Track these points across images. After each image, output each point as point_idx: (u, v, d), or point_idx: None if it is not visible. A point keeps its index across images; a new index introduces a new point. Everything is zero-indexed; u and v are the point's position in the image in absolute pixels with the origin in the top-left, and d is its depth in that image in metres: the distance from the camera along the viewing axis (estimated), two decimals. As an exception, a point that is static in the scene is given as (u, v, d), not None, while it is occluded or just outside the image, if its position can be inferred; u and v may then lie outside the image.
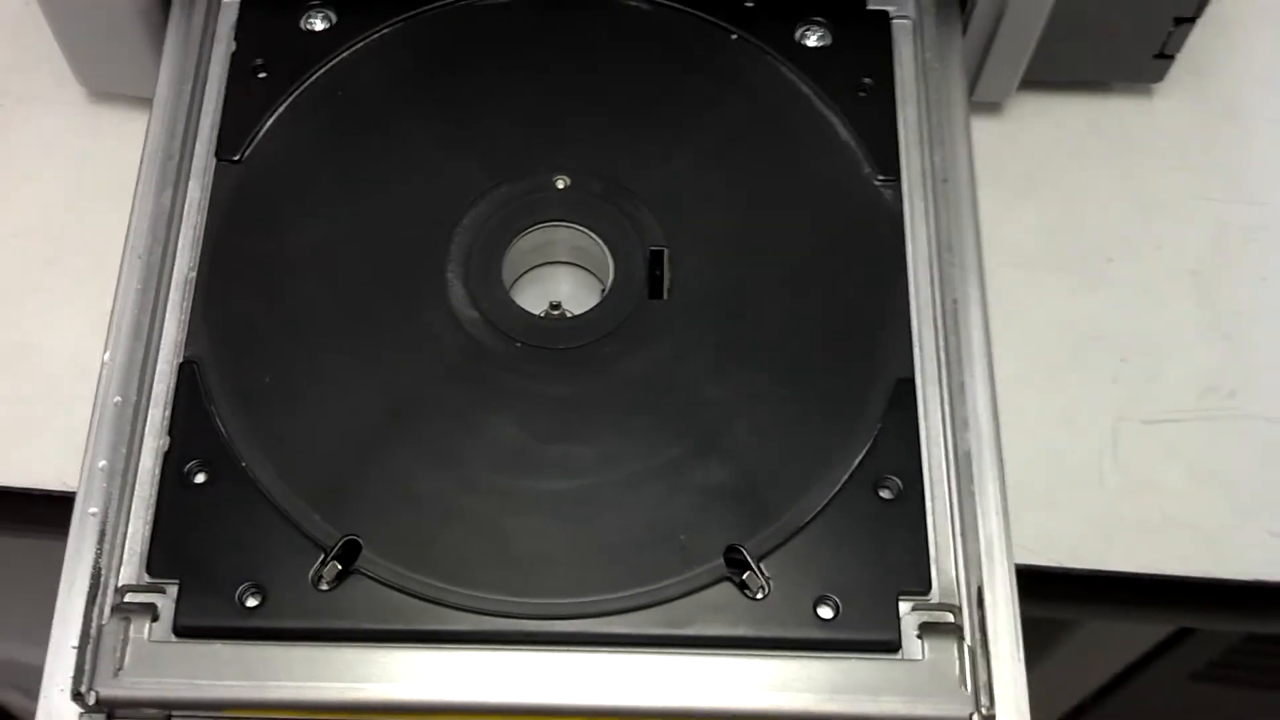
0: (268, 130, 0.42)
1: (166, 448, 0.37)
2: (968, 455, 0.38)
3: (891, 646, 0.36)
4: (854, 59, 0.43)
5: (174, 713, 0.34)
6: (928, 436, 0.39)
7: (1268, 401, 0.47)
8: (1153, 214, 0.51)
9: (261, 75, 0.42)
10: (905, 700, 0.35)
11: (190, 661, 0.35)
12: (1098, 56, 0.51)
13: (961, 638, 0.36)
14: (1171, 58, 0.51)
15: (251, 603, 0.35)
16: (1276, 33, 0.54)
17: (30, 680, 0.34)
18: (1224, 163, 0.52)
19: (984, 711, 0.35)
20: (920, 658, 0.36)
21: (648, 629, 0.36)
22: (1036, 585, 0.40)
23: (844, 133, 0.43)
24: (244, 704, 0.34)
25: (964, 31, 0.45)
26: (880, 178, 0.42)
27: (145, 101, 0.48)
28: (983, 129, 0.50)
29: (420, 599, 0.35)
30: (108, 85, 0.49)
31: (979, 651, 0.35)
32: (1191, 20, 0.48)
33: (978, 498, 0.37)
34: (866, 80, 0.43)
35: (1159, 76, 0.52)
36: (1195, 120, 0.53)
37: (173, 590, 0.35)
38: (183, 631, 0.35)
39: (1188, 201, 0.51)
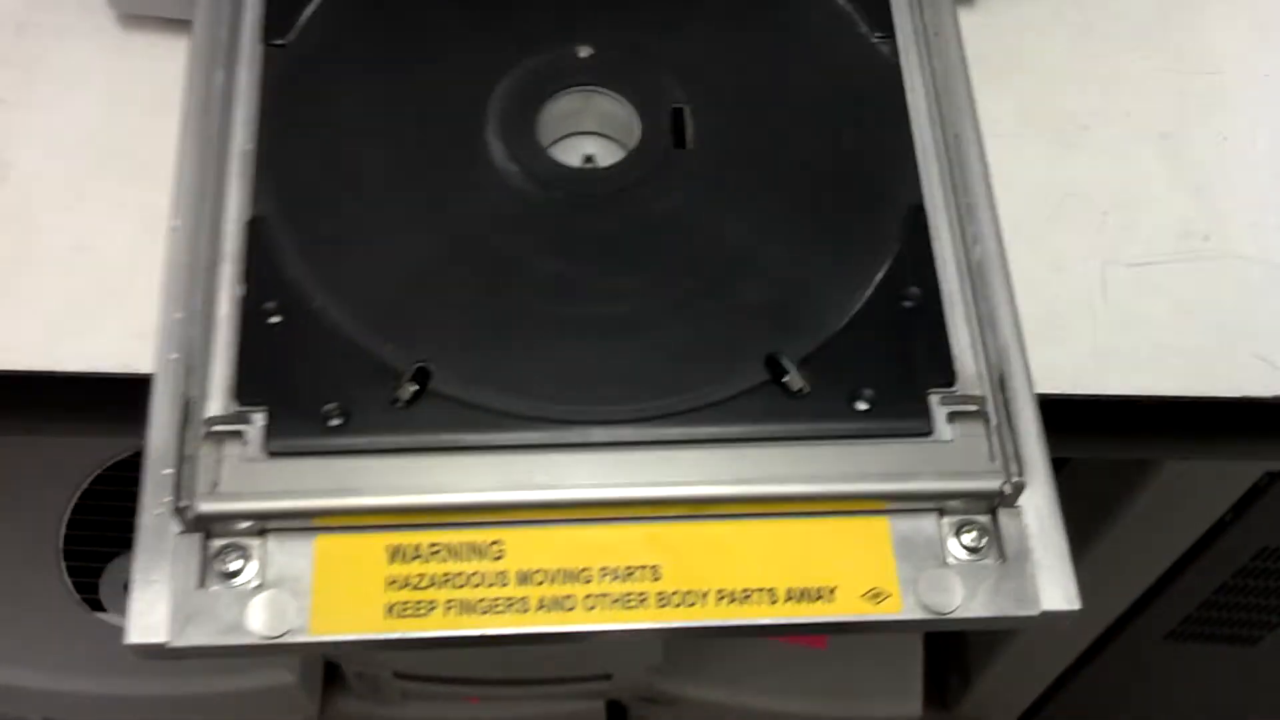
0: (310, 15, 0.44)
1: (244, 294, 0.39)
2: (979, 265, 0.41)
3: (924, 431, 0.39)
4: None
5: (268, 524, 0.37)
6: (941, 253, 0.42)
7: (1239, 242, 0.51)
8: (1120, 86, 0.55)
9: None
10: (941, 478, 0.38)
11: (281, 478, 0.37)
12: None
13: (987, 420, 0.39)
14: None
15: (335, 423, 0.38)
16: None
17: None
18: (1181, 39, 0.56)
19: (1014, 480, 0.38)
20: (951, 439, 0.39)
21: (702, 428, 0.38)
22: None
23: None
24: (333, 511, 0.37)
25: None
26: (877, 35, 0.46)
27: (172, 24, 0.51)
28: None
29: (488, 411, 0.38)
30: (138, 7, 0.51)
31: (1005, 430, 0.39)
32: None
33: (992, 301, 0.41)
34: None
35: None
36: (1151, 2, 0.57)
37: (259, 418, 0.38)
38: (273, 452, 0.37)
39: (1152, 74, 0.55)
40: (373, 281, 0.40)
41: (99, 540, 0.78)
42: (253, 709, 0.81)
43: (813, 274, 0.41)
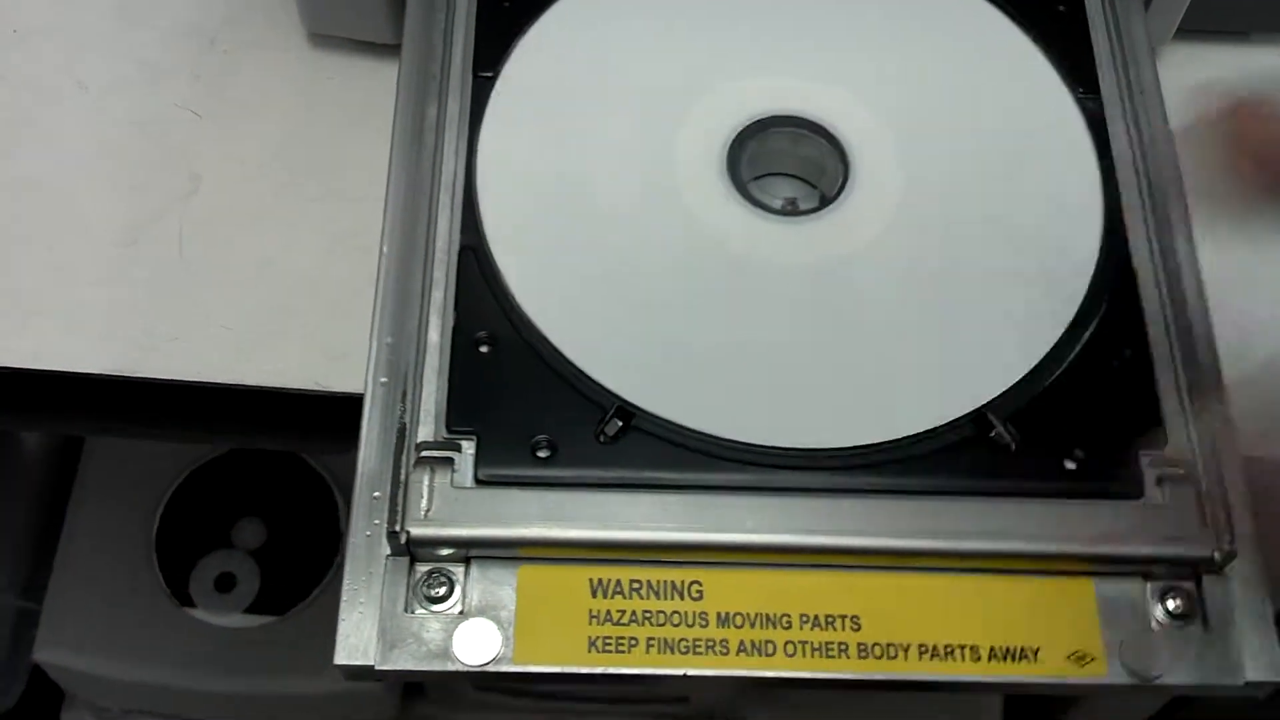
0: (520, 47, 0.45)
1: (455, 322, 0.40)
2: (1188, 328, 0.41)
3: (1135, 493, 0.38)
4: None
5: (473, 552, 0.37)
6: (1149, 312, 0.41)
7: None
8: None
9: (507, 3, 0.46)
10: (1152, 542, 0.38)
11: (490, 506, 0.37)
12: (1246, 6, 0.54)
13: (1198, 485, 0.38)
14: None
15: (543, 454, 0.38)
16: None
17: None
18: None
19: (1225, 548, 0.37)
20: (1161, 503, 0.38)
21: (909, 479, 0.38)
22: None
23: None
24: (539, 542, 0.37)
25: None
26: (1081, 91, 0.45)
27: (363, 46, 0.52)
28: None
29: (692, 450, 0.38)
30: (331, 27, 0.52)
31: (1215, 496, 0.38)
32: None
33: (1201, 364, 0.40)
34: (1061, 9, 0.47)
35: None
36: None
37: (468, 446, 0.38)
38: (482, 480, 0.38)
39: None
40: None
41: (190, 537, 0.79)
42: (335, 709, 0.82)
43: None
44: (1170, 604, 0.38)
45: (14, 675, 0.84)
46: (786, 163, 0.46)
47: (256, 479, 0.81)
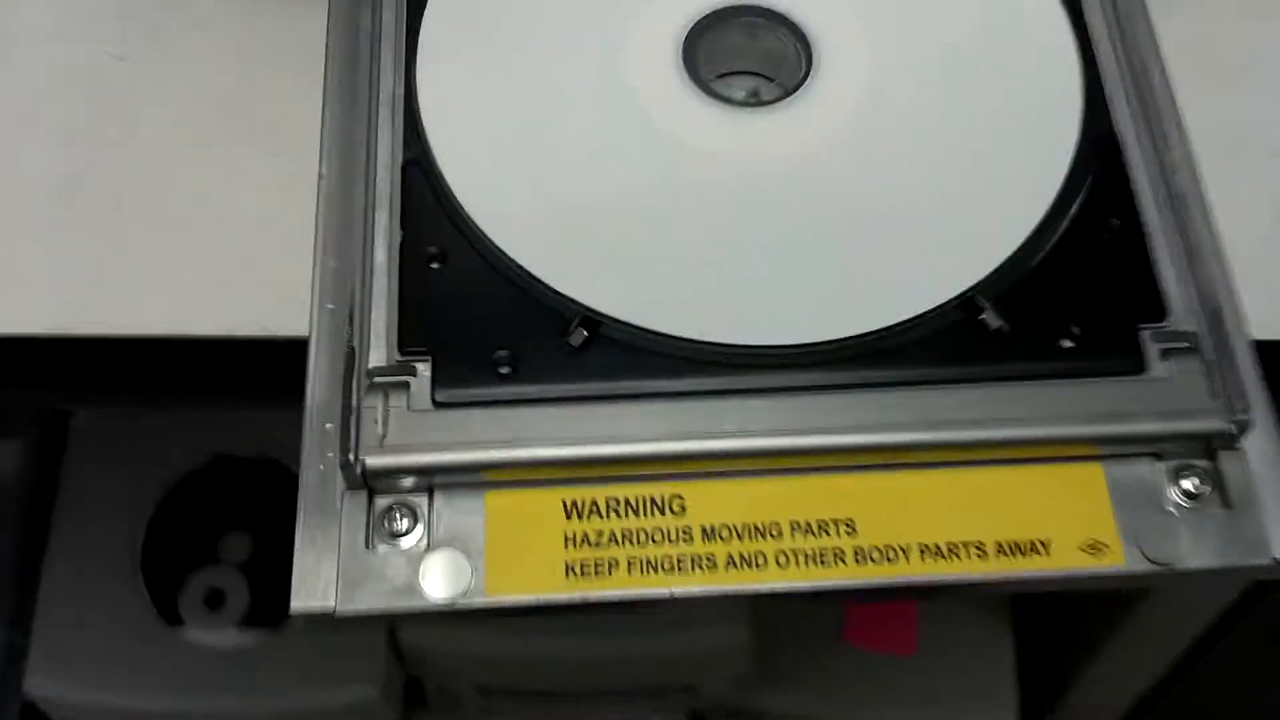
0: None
1: (402, 239, 0.37)
2: (1180, 196, 0.38)
3: (1137, 368, 0.36)
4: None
5: (436, 480, 0.34)
6: (1138, 183, 0.39)
7: None
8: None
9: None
10: (1160, 418, 0.35)
11: (450, 430, 0.35)
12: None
13: (1203, 356, 0.36)
14: None
15: (504, 371, 0.35)
16: None
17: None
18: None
19: (1239, 418, 0.35)
20: (1166, 377, 0.36)
21: (895, 370, 0.36)
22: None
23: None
24: (506, 464, 0.34)
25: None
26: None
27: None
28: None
29: (664, 356, 0.36)
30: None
31: (1223, 366, 0.35)
32: None
33: (1197, 233, 0.38)
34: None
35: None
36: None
37: (423, 367, 0.35)
38: (440, 402, 0.35)
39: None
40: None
41: (176, 555, 0.77)
42: (335, 721, 0.79)
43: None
44: (1186, 483, 0.35)
45: (5, 712, 0.81)
46: (745, 58, 0.43)
47: (238, 490, 0.78)
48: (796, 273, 0.37)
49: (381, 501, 0.34)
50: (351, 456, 0.34)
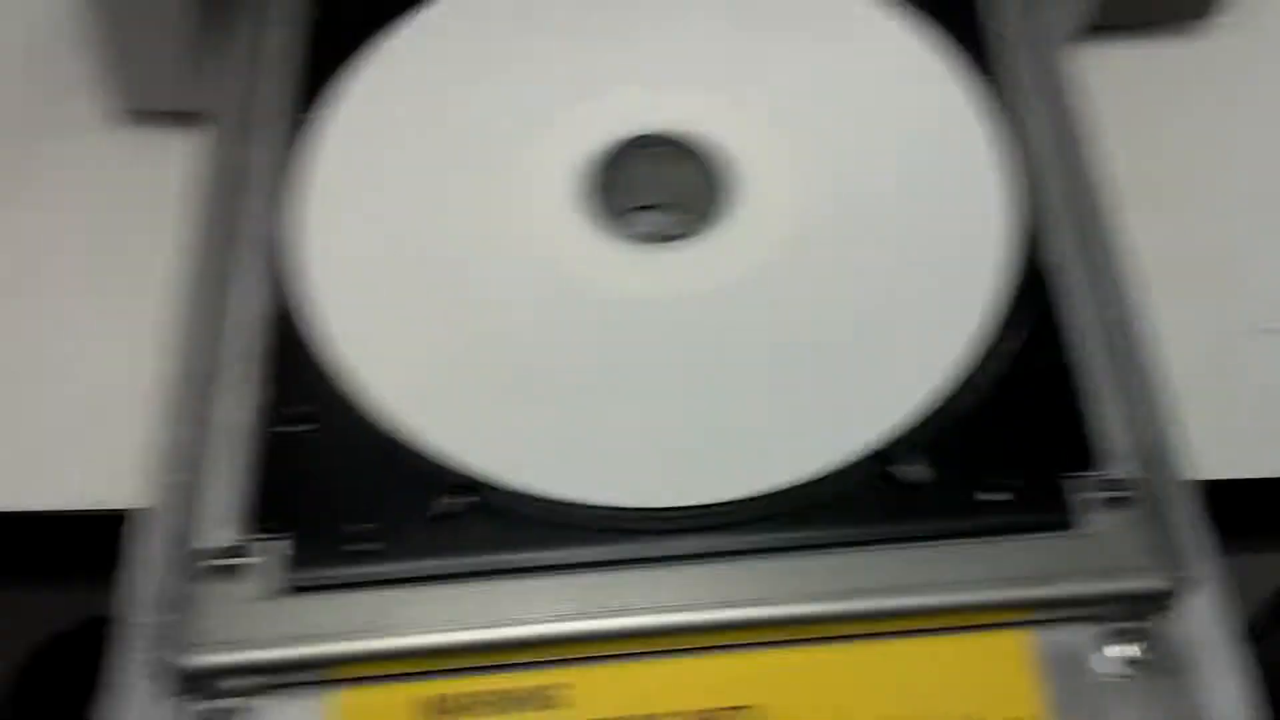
0: (339, 88, 0.39)
1: (262, 400, 0.34)
2: (1121, 330, 0.35)
3: (1063, 523, 0.33)
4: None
5: (276, 678, 0.31)
6: (1075, 318, 0.36)
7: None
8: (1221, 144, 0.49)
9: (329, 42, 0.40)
10: (1091, 578, 0.32)
11: (298, 619, 0.31)
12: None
13: (1141, 508, 0.33)
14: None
15: (369, 548, 0.32)
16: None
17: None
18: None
19: (1178, 576, 0.31)
20: (1097, 532, 0.33)
21: (803, 532, 0.32)
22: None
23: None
24: (361, 657, 0.31)
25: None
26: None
27: (178, 123, 0.45)
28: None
29: (549, 525, 0.32)
30: (150, 101, 0.46)
31: (1164, 519, 0.32)
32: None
33: (1139, 371, 0.35)
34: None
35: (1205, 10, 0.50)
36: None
37: (275, 547, 0.32)
38: (296, 586, 0.31)
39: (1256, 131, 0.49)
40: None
41: None
42: None
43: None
44: (1122, 650, 0.32)
45: None
46: (655, 191, 0.40)
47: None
48: (699, 427, 0.34)
49: (197, 709, 0.30)
50: (166, 656, 0.30)
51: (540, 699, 0.31)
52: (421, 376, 0.35)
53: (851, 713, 0.31)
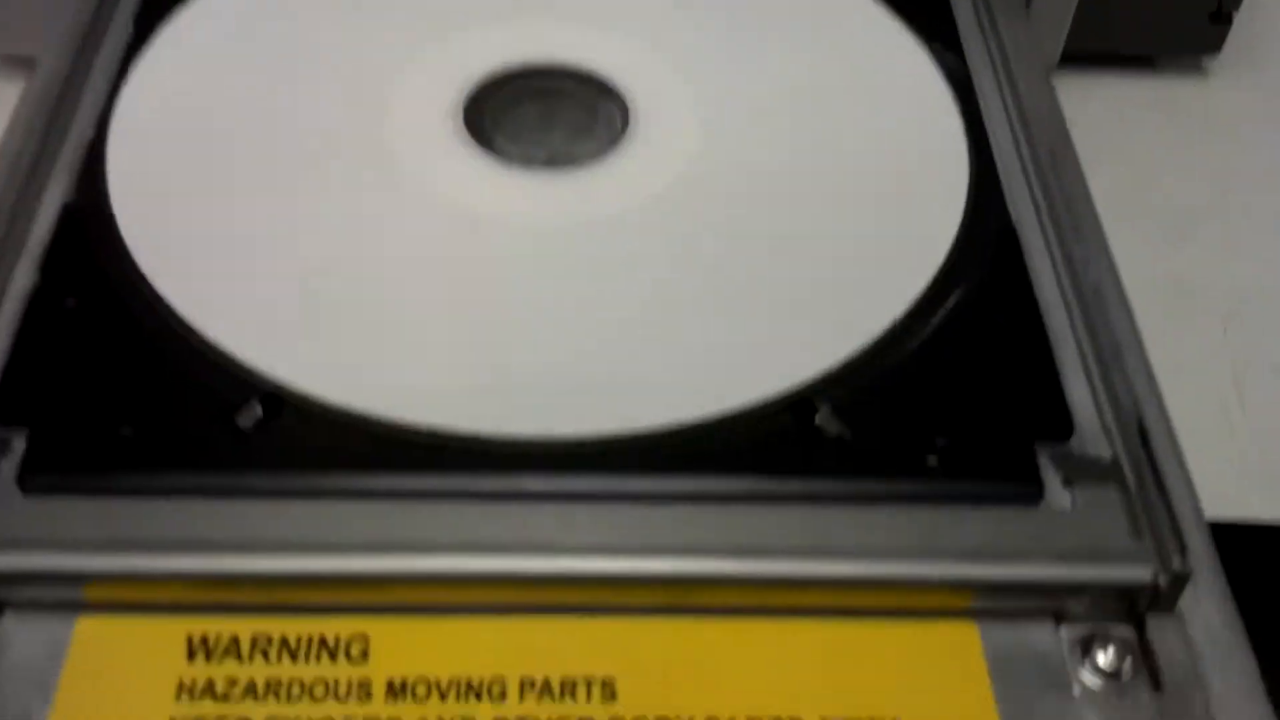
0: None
1: (35, 287, 0.28)
2: (1095, 293, 0.29)
3: (1031, 495, 0.25)
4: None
5: (13, 593, 0.24)
6: (1041, 281, 0.30)
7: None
8: (1228, 181, 0.44)
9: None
10: (1060, 561, 0.25)
11: (39, 523, 0.24)
12: (1145, 23, 0.45)
13: (1124, 484, 0.26)
14: (1229, 19, 0.45)
15: (131, 450, 0.25)
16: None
17: None
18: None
19: (1173, 568, 0.24)
20: (1070, 508, 0.26)
21: (690, 479, 0.25)
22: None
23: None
24: (111, 576, 0.24)
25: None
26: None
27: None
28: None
29: (370, 438, 0.25)
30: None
31: (1153, 498, 0.25)
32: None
33: (1116, 337, 0.28)
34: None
35: (1215, 46, 0.46)
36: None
37: (17, 441, 0.25)
38: (29, 488, 0.24)
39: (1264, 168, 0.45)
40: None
41: None
42: None
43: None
44: (1098, 657, 0.24)
45: None
46: (546, 120, 0.34)
47: None
48: (564, 358, 0.27)
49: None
50: None
51: (329, 648, 0.23)
52: (235, 287, 0.29)
53: (737, 701, 0.23)
